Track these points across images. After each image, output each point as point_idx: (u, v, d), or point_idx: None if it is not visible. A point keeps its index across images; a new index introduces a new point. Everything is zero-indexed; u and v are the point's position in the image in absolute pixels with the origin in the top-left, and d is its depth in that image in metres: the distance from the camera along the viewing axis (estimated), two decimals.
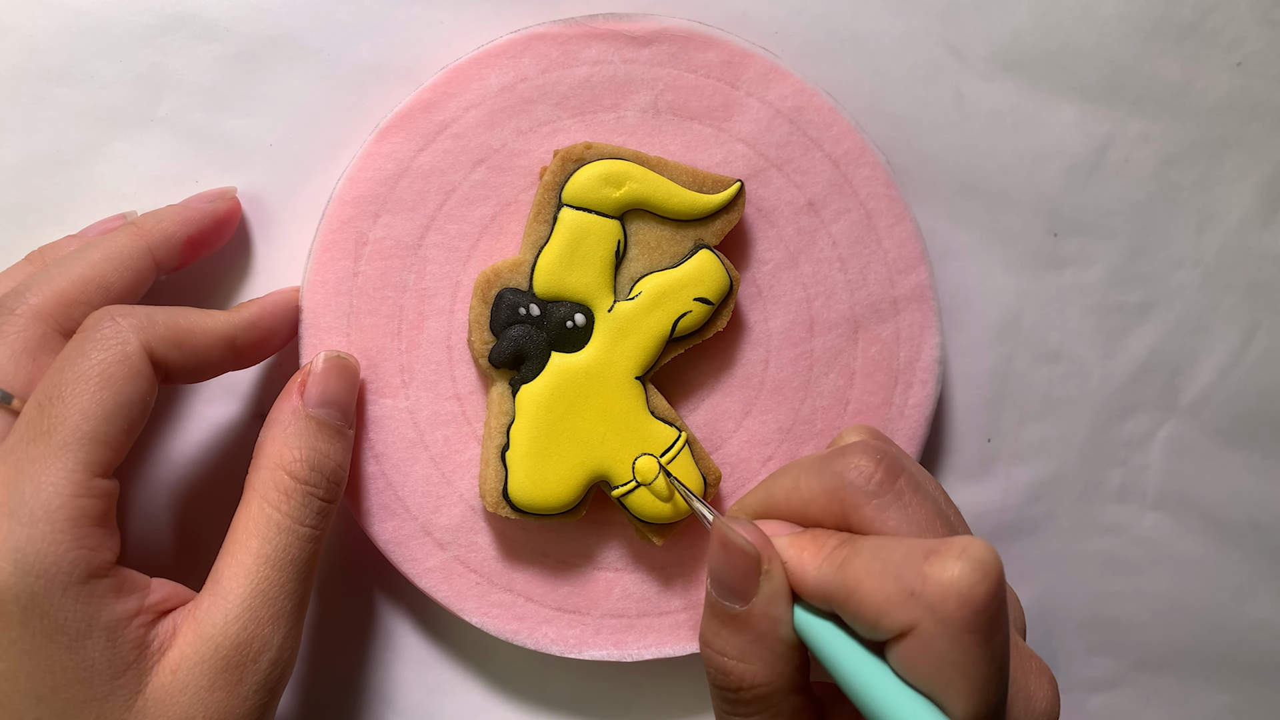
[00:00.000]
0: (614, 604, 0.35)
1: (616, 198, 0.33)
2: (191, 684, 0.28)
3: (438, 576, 0.35)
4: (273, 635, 0.29)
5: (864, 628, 0.25)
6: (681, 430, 0.34)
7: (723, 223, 0.34)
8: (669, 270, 0.34)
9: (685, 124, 0.35)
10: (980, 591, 0.24)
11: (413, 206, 0.34)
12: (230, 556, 0.30)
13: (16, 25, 0.35)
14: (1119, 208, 0.39)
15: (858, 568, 0.25)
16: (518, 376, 0.33)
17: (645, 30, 0.35)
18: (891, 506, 0.27)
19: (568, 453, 0.33)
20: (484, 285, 0.33)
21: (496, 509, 0.33)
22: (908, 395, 0.36)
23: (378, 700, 0.38)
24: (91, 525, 0.27)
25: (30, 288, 0.30)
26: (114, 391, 0.28)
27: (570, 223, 0.33)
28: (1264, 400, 0.40)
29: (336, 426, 0.32)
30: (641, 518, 0.33)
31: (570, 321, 0.33)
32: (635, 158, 0.33)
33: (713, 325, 0.34)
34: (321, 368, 0.32)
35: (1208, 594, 0.40)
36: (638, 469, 0.33)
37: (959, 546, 0.24)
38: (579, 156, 0.33)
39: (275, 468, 0.31)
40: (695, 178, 0.34)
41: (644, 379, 0.34)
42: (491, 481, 0.33)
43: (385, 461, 0.35)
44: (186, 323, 0.30)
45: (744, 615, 0.27)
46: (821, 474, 0.28)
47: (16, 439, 0.28)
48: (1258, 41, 0.39)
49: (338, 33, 0.36)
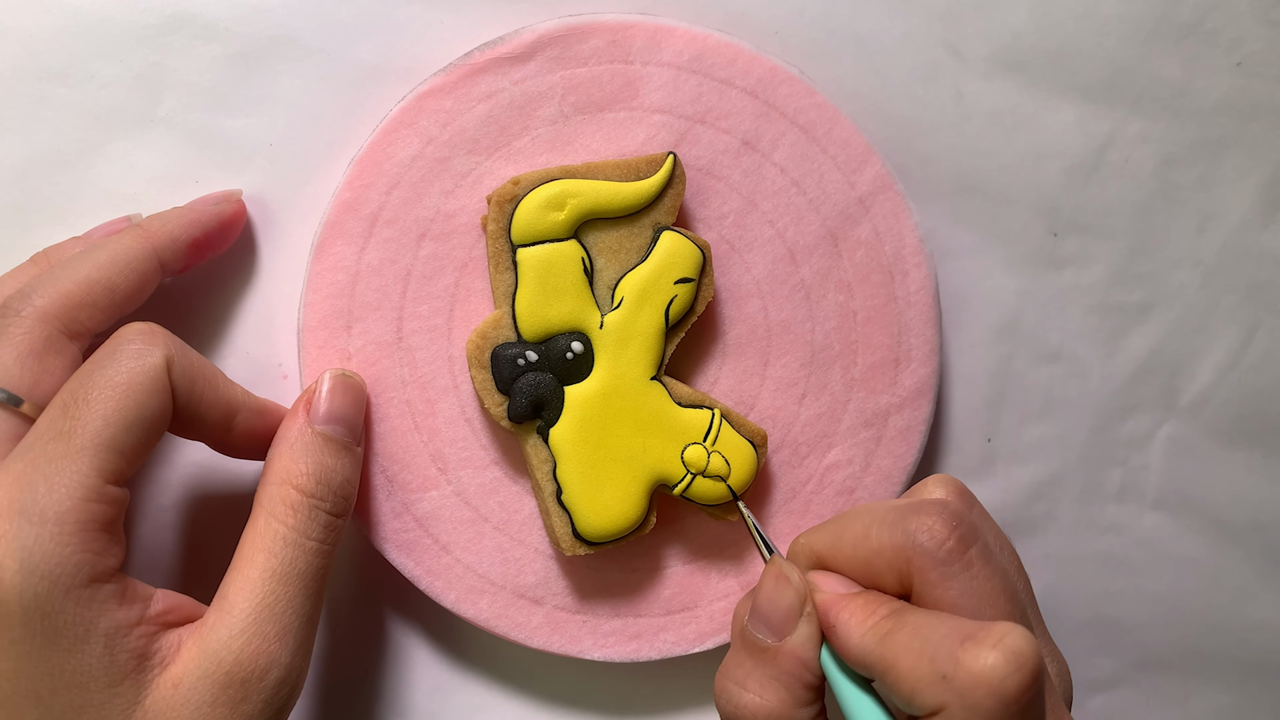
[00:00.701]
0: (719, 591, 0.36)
1: (563, 219, 0.33)
2: (193, 699, 0.28)
3: (546, 632, 0.35)
4: (280, 652, 0.29)
5: (899, 703, 0.26)
6: (713, 408, 0.34)
7: (671, 198, 0.34)
8: (640, 266, 0.33)
9: (597, 118, 0.35)
10: (1011, 684, 0.24)
11: (377, 305, 0.34)
12: (237, 572, 0.30)
13: (16, 25, 0.35)
14: (1119, 208, 0.39)
15: (899, 643, 0.26)
16: (542, 423, 0.33)
17: (522, 45, 0.34)
18: (958, 577, 0.27)
19: (618, 473, 0.33)
20: (475, 352, 0.33)
21: (574, 550, 0.33)
22: (907, 283, 0.36)
23: (377, 700, 0.38)
24: (99, 531, 0.27)
25: (35, 290, 0.30)
26: (137, 403, 0.28)
27: (530, 261, 0.33)
28: (1264, 400, 0.40)
29: (343, 442, 0.32)
30: (709, 503, 0.34)
31: (569, 353, 0.33)
32: (563, 173, 0.33)
33: (702, 298, 0.34)
34: (328, 386, 0.32)
35: (1208, 594, 0.40)
36: (688, 460, 0.33)
37: (997, 635, 0.24)
38: (511, 196, 0.33)
39: (282, 483, 0.30)
40: (628, 168, 0.34)
41: (659, 377, 0.34)
42: (560, 529, 0.33)
43: (457, 550, 0.35)
44: (208, 371, 0.31)
45: (774, 651, 0.28)
46: (894, 530, 0.28)
47: (36, 438, 0.28)
48: (1258, 41, 0.39)
49: (338, 33, 0.36)
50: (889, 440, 0.36)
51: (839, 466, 0.36)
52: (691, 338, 0.35)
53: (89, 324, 0.31)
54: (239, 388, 0.32)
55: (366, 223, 0.34)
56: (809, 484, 0.36)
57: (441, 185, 0.34)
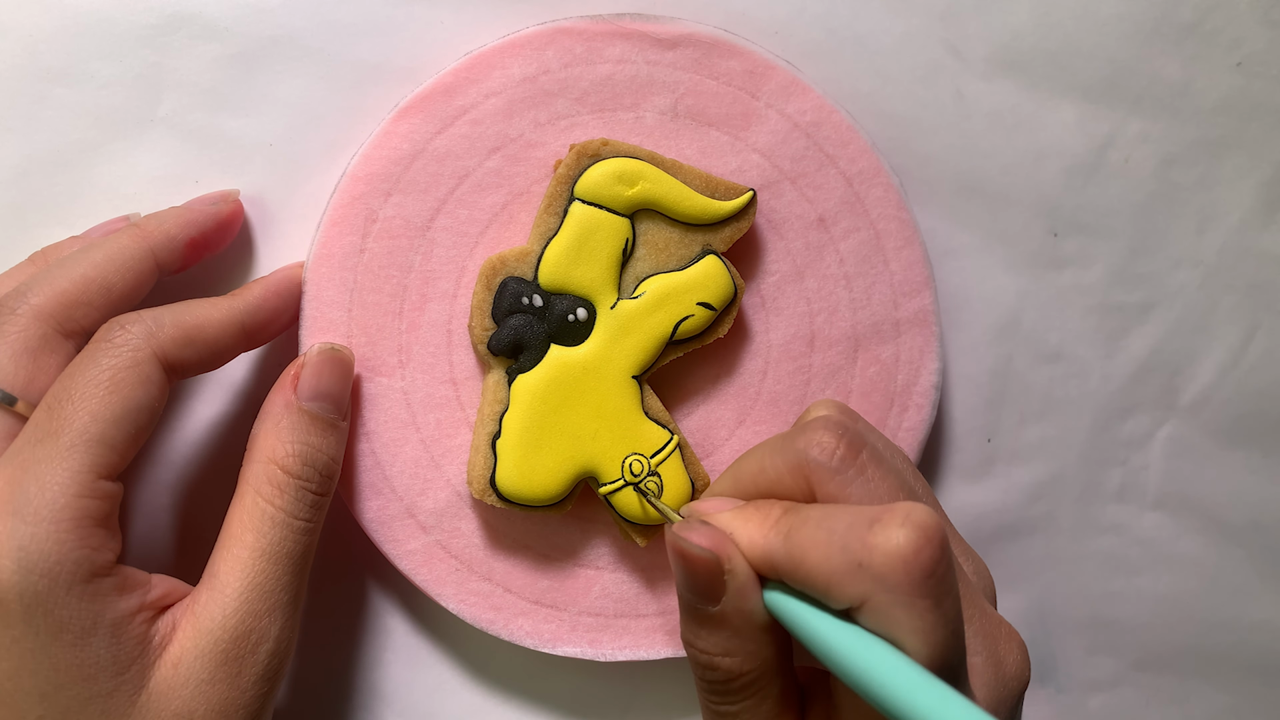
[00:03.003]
0: (592, 602, 0.35)
1: (628, 196, 0.33)
2: (193, 677, 0.29)
3: (418, 559, 0.35)
4: (270, 627, 0.30)
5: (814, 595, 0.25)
6: (674, 433, 0.34)
7: (732, 230, 0.34)
8: (675, 272, 0.34)
9: (703, 130, 0.35)
10: (925, 558, 0.24)
11: (425, 188, 0.34)
12: (226, 550, 0.30)
13: (16, 25, 0.35)
14: (1119, 208, 0.39)
15: (804, 538, 0.25)
16: (515, 365, 0.33)
17: (671, 34, 0.35)
18: (854, 481, 0.27)
19: (558, 445, 0.33)
20: (489, 272, 0.33)
21: (482, 496, 0.33)
22: (903, 418, 0.36)
23: (377, 700, 0.38)
24: (94, 526, 0.28)
25: (32, 288, 0.30)
26: (122, 396, 0.28)
27: (580, 217, 0.33)
28: (1264, 400, 0.40)
29: (329, 420, 0.32)
30: (627, 517, 0.33)
31: (572, 315, 0.33)
32: (650, 158, 0.33)
33: (714, 331, 0.34)
34: (315, 360, 0.32)
35: (1208, 594, 0.40)
36: (627, 468, 0.33)
37: (902, 512, 0.24)
38: (594, 152, 0.33)
39: (268, 461, 0.31)
40: (708, 183, 0.34)
41: (641, 379, 0.34)
42: (480, 468, 0.33)
43: (375, 440, 0.34)
44: (194, 318, 0.31)
45: (718, 615, 0.27)
46: (785, 452, 0.28)
47: (24, 440, 0.28)
48: (1258, 41, 0.39)
49: (338, 33, 0.36)
50: None
51: None
52: (685, 363, 0.35)
53: (85, 323, 0.31)
54: (225, 303, 0.32)
55: (455, 111, 0.34)
56: None
57: (536, 115, 0.35)
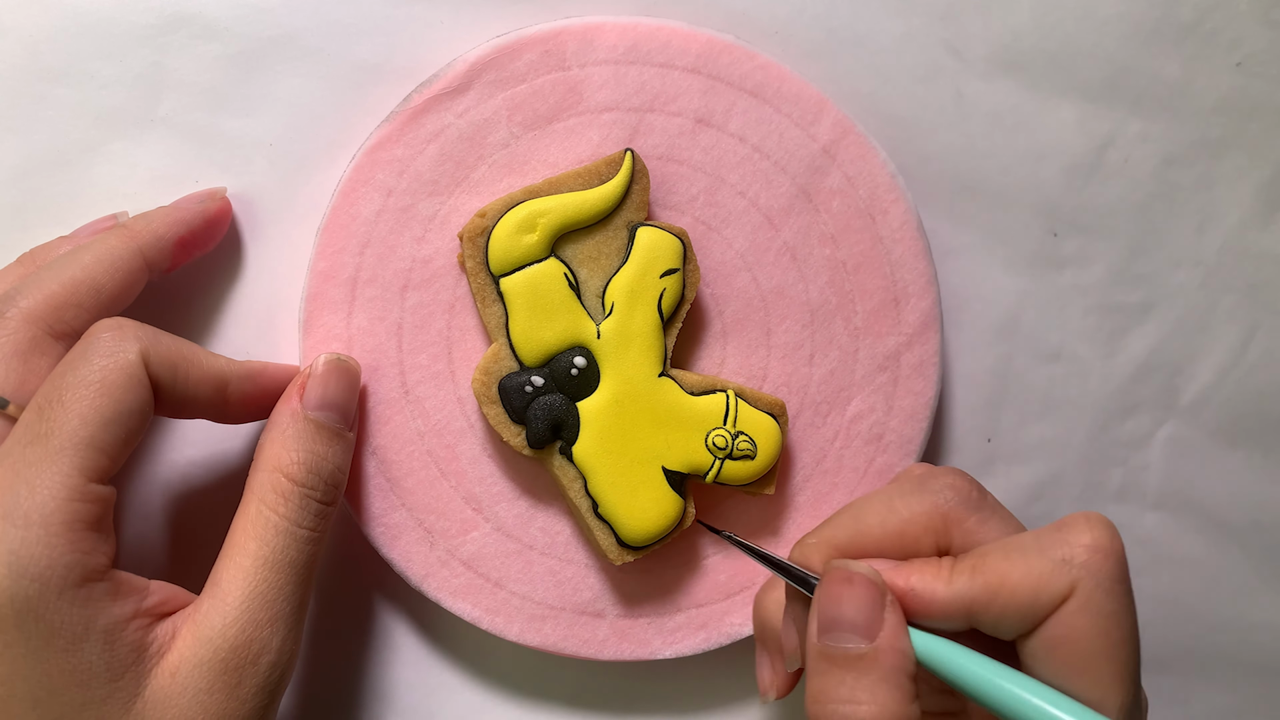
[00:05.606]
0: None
1: (537, 240, 0.33)
2: (190, 686, 0.28)
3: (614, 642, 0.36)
4: (271, 638, 0.29)
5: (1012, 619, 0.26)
6: (725, 389, 0.34)
7: (638, 194, 0.34)
8: (623, 268, 0.33)
9: (548, 131, 0.35)
10: (1119, 545, 0.26)
11: (376, 365, 0.35)
12: (229, 559, 0.30)
13: (16, 25, 0.35)
14: (1119, 208, 0.39)
15: (995, 567, 0.27)
16: (563, 443, 0.33)
17: (457, 77, 0.34)
18: (991, 518, 0.29)
19: (647, 475, 0.33)
20: (482, 389, 0.33)
21: (623, 559, 0.34)
22: (889, 221, 0.36)
23: (377, 700, 0.38)
24: (86, 530, 0.27)
25: (21, 291, 0.30)
26: (113, 399, 0.28)
27: (515, 288, 0.33)
28: (1264, 400, 0.40)
29: (335, 429, 0.32)
30: (742, 483, 0.34)
31: (573, 369, 0.33)
32: (526, 194, 0.33)
33: (690, 285, 0.34)
34: (321, 370, 0.32)
35: (1208, 594, 0.40)
36: (713, 446, 0.34)
37: (1082, 517, 0.27)
38: (481, 229, 0.33)
39: (273, 470, 0.31)
40: (589, 174, 0.34)
41: (666, 372, 0.34)
42: (605, 541, 0.34)
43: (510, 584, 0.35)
44: (188, 351, 0.30)
45: (870, 654, 0.26)
46: (921, 496, 0.29)
47: (14, 443, 0.28)
48: (1258, 41, 0.39)
49: (338, 33, 0.36)
50: (905, 379, 0.36)
51: (862, 416, 0.36)
52: (689, 325, 0.36)
53: (75, 324, 0.31)
54: (222, 359, 0.31)
55: (347, 287, 0.34)
56: (836, 440, 0.36)
57: (411, 233, 0.34)
